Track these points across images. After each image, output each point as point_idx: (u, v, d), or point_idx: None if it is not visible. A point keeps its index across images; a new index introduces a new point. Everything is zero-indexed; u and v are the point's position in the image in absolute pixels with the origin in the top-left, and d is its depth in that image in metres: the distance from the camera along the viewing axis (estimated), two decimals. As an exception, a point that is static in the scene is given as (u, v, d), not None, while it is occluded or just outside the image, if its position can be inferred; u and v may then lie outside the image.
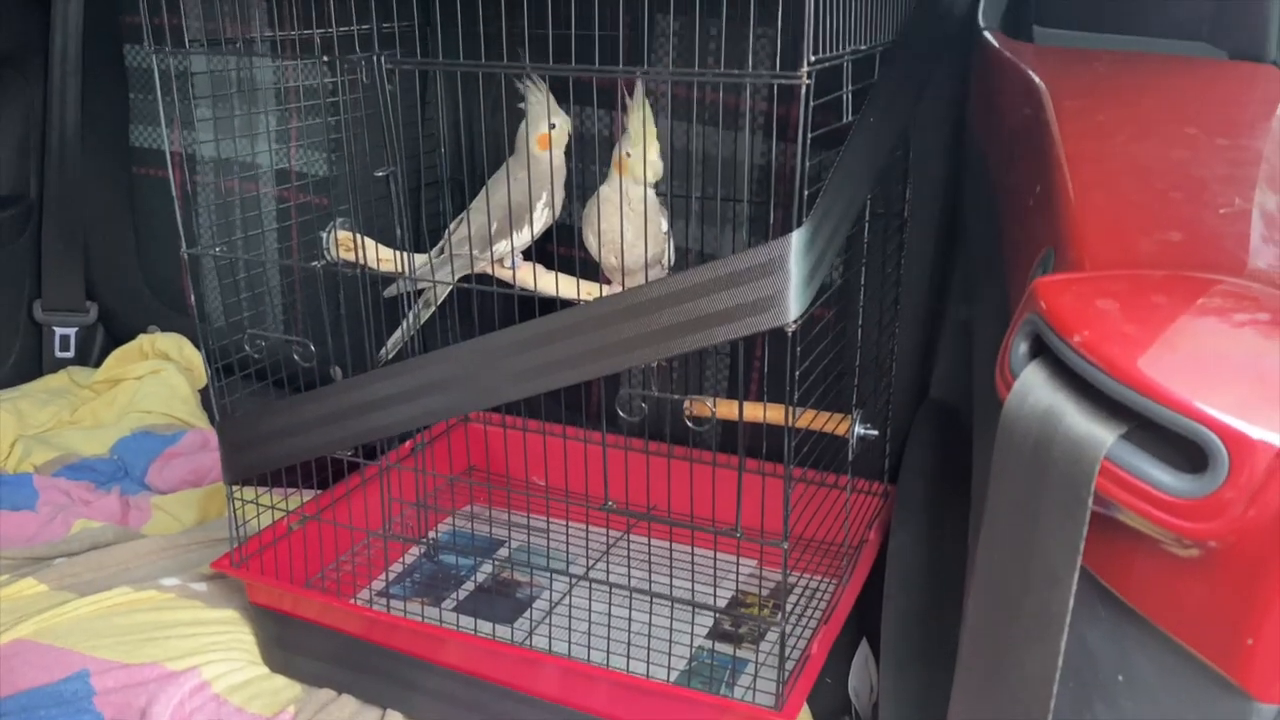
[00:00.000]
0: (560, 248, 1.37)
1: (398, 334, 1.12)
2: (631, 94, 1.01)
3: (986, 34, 1.03)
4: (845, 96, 0.86)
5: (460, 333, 1.26)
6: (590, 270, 1.12)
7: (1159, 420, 0.48)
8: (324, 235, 1.15)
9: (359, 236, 1.13)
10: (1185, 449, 0.48)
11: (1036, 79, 0.87)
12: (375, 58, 0.92)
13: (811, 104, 0.78)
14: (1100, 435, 0.51)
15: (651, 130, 1.00)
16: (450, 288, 1.10)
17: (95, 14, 1.59)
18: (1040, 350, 0.56)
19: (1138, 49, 0.92)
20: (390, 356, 1.12)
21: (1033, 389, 0.55)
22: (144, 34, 1.43)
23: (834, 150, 0.88)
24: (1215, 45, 0.89)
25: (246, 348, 1.04)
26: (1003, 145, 0.94)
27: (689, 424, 0.96)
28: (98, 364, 1.69)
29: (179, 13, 1.49)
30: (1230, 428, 0.47)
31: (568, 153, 1.12)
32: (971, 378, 1.01)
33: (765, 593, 1.25)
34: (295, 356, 1.04)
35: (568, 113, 1.11)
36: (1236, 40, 0.88)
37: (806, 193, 0.80)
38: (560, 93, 1.23)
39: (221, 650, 1.10)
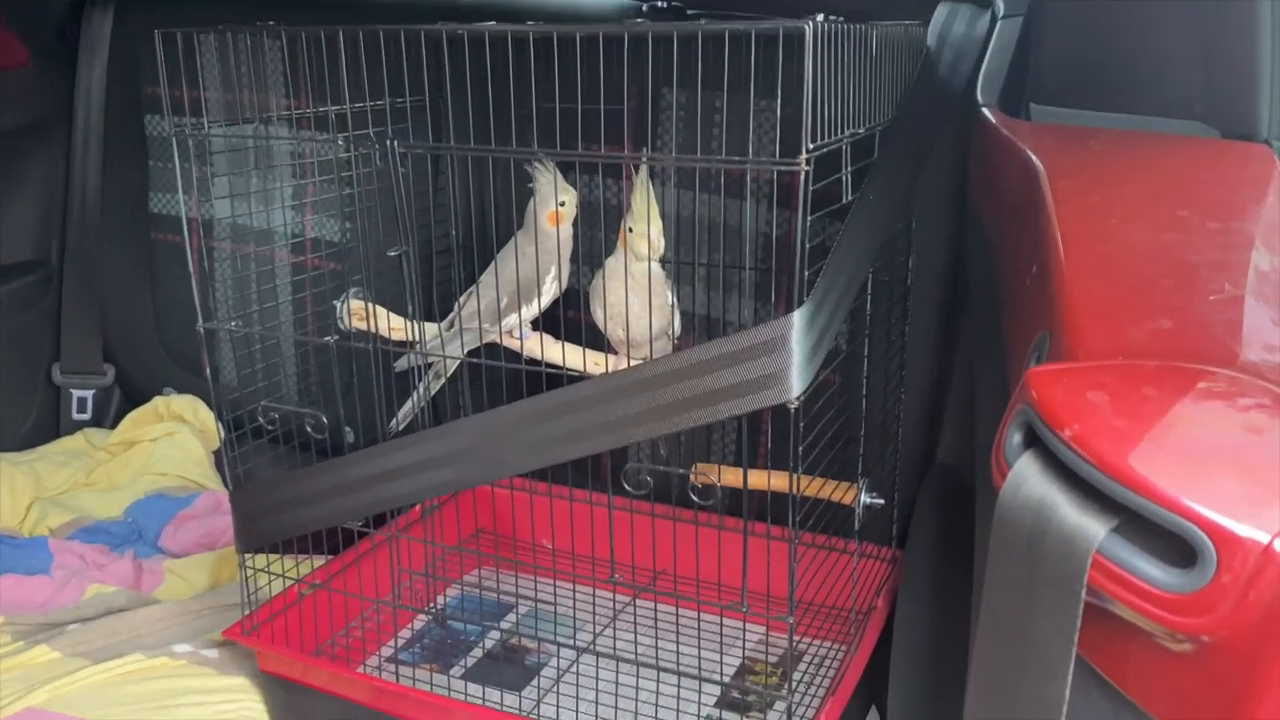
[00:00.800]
0: (569, 311, 1.39)
1: (408, 405, 1.14)
2: (637, 171, 1.04)
3: (985, 110, 1.05)
4: (845, 178, 0.88)
5: (470, 402, 1.28)
6: (597, 336, 1.14)
7: (1148, 515, 0.49)
8: (338, 305, 1.17)
9: (371, 306, 1.15)
10: (1176, 542, 0.49)
11: (1033, 157, 0.88)
12: (389, 141, 0.95)
13: (811, 188, 0.80)
14: (1092, 529, 0.52)
15: (654, 209, 1.03)
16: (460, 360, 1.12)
17: (117, 85, 1.64)
18: (1034, 440, 0.57)
19: (1132, 127, 0.94)
20: (401, 427, 1.13)
21: (1026, 480, 0.56)
22: (163, 107, 1.47)
23: (837, 220, 0.90)
24: (1208, 124, 0.91)
25: (260, 419, 1.06)
26: (1001, 220, 0.96)
27: (693, 496, 0.97)
28: (114, 425, 1.71)
29: (198, 86, 1.54)
30: (1217, 525, 0.47)
31: (575, 224, 1.15)
32: (975, 446, 1.02)
33: (773, 660, 1.25)
34: (308, 428, 1.06)
35: (576, 184, 1.14)
36: (1229, 119, 0.90)
37: (808, 272, 0.82)
38: (569, 163, 1.26)
39: (232, 719, 1.10)
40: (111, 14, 1.61)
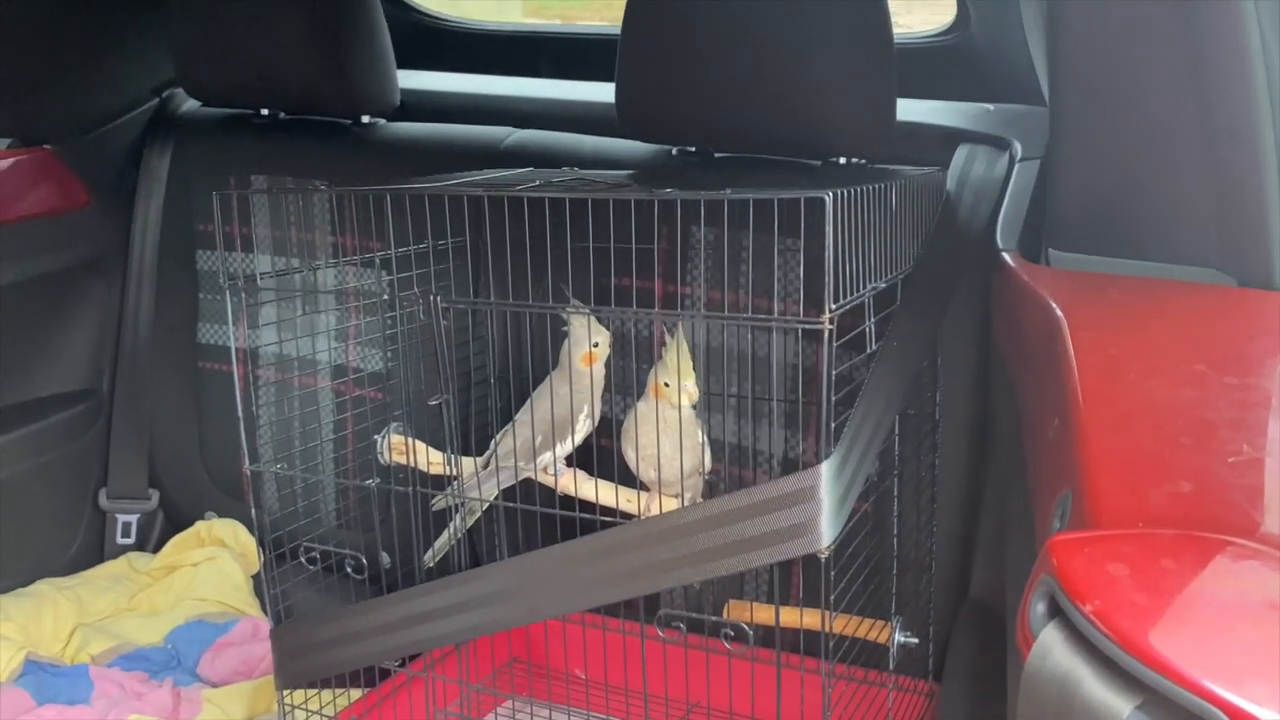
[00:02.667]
0: (601, 439, 1.42)
1: (443, 538, 1.17)
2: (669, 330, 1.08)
3: (1005, 255, 1.08)
4: (868, 329, 0.91)
5: (505, 538, 1.30)
6: (629, 465, 1.16)
7: (1169, 695, 0.50)
8: (378, 439, 1.21)
9: (411, 440, 1.19)
10: (1202, 721, 0.50)
11: (1054, 307, 0.91)
12: (432, 297, 1.00)
13: (834, 344, 0.83)
14: (1116, 706, 0.53)
15: (686, 364, 1.06)
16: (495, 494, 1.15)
17: (171, 222, 1.71)
18: (1059, 610, 0.58)
19: (1148, 274, 0.97)
20: (435, 562, 1.16)
21: (1052, 651, 0.57)
22: (215, 242, 1.55)
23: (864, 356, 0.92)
24: (1224, 272, 0.93)
25: (301, 558, 1.09)
26: (1023, 363, 0.98)
27: (726, 644, 0.98)
28: (156, 549, 1.74)
29: (250, 223, 1.61)
30: (1238, 708, 0.48)
31: (608, 361, 1.18)
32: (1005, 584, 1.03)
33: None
34: (348, 569, 1.09)
35: (608, 320, 1.18)
36: (1244, 267, 0.92)
37: (834, 424, 0.84)
38: (603, 300, 1.31)
39: None
40: (169, 156, 1.70)
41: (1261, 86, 0.83)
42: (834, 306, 0.82)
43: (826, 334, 0.82)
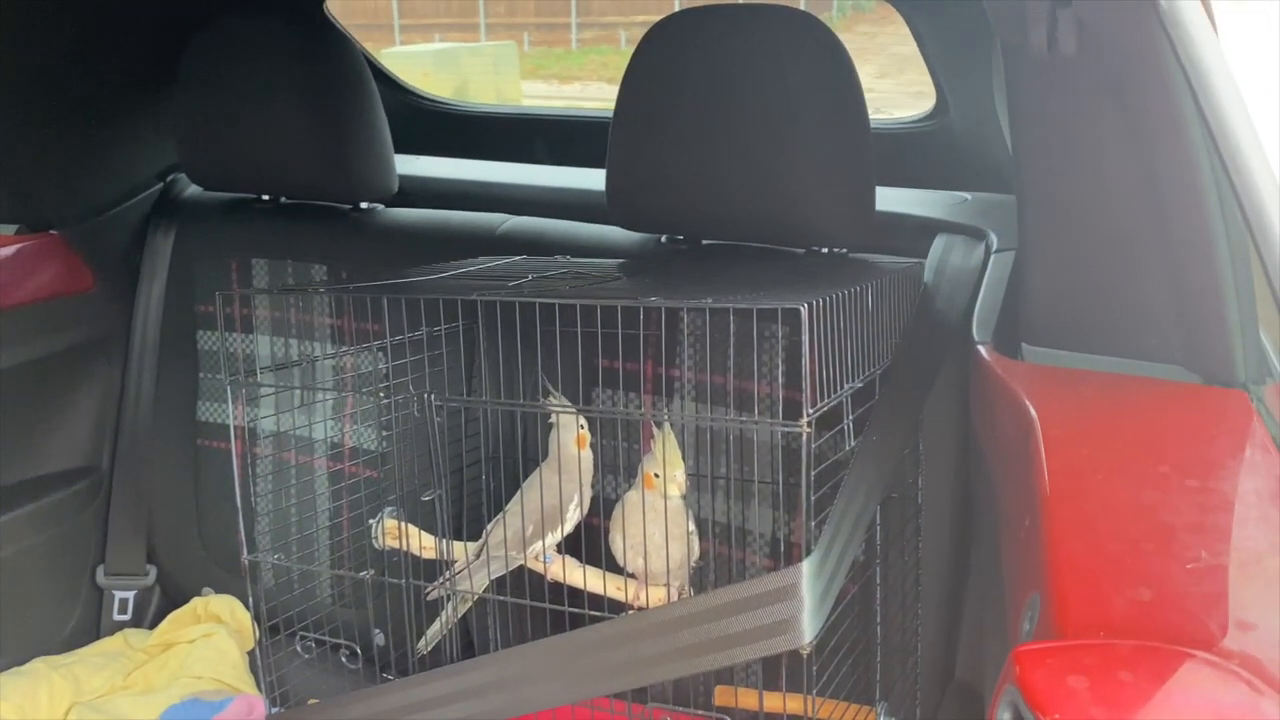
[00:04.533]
0: (592, 518, 1.45)
1: (436, 626, 1.19)
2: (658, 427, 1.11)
3: (980, 349, 1.12)
4: (846, 427, 0.94)
5: (499, 625, 1.32)
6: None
7: (1125, 813, 0.53)
8: (373, 524, 1.24)
9: (404, 525, 1.22)
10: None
11: (1028, 404, 0.94)
12: (426, 395, 1.03)
13: (814, 445, 0.86)
14: (1076, 820, 0.55)
15: (675, 455, 1.09)
16: (487, 583, 1.17)
17: (173, 303, 1.75)
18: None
19: (1117, 369, 1.00)
20: (429, 648, 1.18)
21: (1017, 761, 0.59)
22: (217, 323, 1.58)
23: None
24: (1189, 369, 0.97)
25: (297, 647, 1.11)
26: (1000, 458, 1.02)
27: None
28: (152, 626, 1.75)
29: (250, 304, 1.65)
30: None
31: (594, 446, 1.22)
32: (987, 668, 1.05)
33: None
34: (343, 659, 1.11)
35: (599, 397, 1.21)
36: (1206, 365, 0.96)
37: (814, 522, 0.87)
38: (592, 381, 1.34)
39: None
40: (173, 239, 1.74)
41: (1213, 200, 0.87)
42: (811, 411, 0.85)
43: (805, 436, 0.85)
